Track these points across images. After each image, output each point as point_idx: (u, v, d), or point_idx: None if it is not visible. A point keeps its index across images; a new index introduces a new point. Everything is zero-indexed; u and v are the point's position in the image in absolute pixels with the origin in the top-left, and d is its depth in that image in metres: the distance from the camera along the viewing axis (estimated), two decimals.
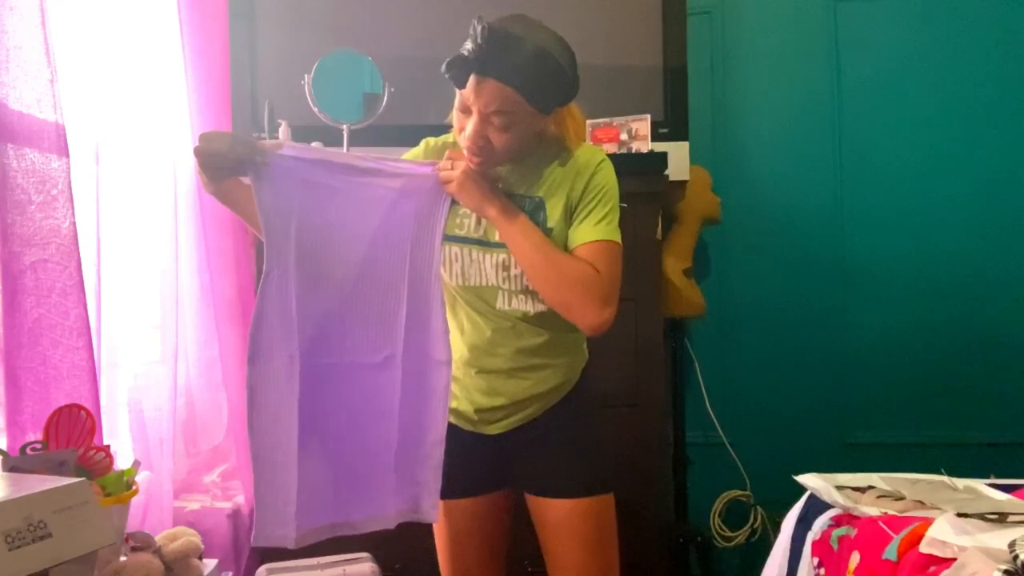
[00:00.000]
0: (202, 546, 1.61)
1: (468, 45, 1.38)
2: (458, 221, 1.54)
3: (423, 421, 1.49)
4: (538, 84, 1.41)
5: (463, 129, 1.45)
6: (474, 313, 1.55)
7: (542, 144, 1.53)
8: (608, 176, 1.52)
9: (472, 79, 1.38)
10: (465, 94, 1.41)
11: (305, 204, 1.42)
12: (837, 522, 1.67)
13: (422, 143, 1.62)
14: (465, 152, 1.47)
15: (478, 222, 1.53)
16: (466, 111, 1.43)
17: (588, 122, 2.31)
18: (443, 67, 1.41)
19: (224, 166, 1.37)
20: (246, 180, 1.40)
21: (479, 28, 1.36)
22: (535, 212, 1.50)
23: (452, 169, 1.46)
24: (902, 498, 1.66)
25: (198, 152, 1.36)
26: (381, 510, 1.49)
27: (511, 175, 1.54)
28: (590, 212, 1.49)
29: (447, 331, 1.49)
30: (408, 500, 1.50)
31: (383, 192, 1.46)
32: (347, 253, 1.45)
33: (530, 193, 1.52)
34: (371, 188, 1.46)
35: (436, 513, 1.50)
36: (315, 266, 1.43)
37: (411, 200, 1.47)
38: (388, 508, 1.48)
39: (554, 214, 1.50)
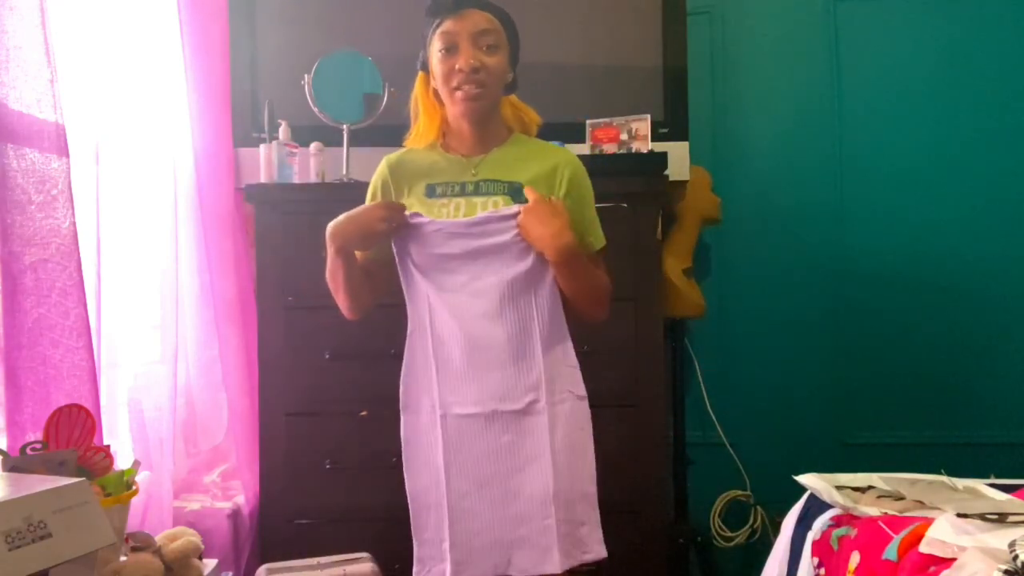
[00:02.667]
0: (202, 546, 1.61)
1: None
2: (435, 211, 1.57)
3: (575, 460, 1.55)
4: (508, 21, 1.57)
5: (451, 71, 1.52)
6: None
7: (509, 132, 1.64)
8: (587, 178, 1.64)
9: (455, 8, 1.52)
10: (449, 29, 1.52)
11: (435, 269, 1.54)
12: (837, 522, 1.67)
13: (383, 164, 1.66)
14: (461, 87, 1.53)
15: (456, 208, 1.57)
16: (451, 48, 1.52)
17: (588, 122, 2.31)
18: (428, 9, 1.54)
19: (391, 232, 1.54)
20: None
21: None
22: (516, 196, 1.56)
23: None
24: (902, 498, 1.66)
25: (385, 219, 1.51)
26: (545, 556, 1.51)
27: (486, 163, 1.60)
28: (585, 216, 1.61)
29: (578, 367, 1.58)
30: (575, 542, 1.54)
31: (500, 242, 1.52)
32: (477, 308, 1.52)
33: (507, 178, 1.58)
34: (488, 242, 1.52)
35: (602, 548, 1.55)
36: (449, 324, 1.53)
37: (523, 245, 1.52)
38: (553, 552, 1.50)
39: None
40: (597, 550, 1.55)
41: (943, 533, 1.37)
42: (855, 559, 1.50)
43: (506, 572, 1.53)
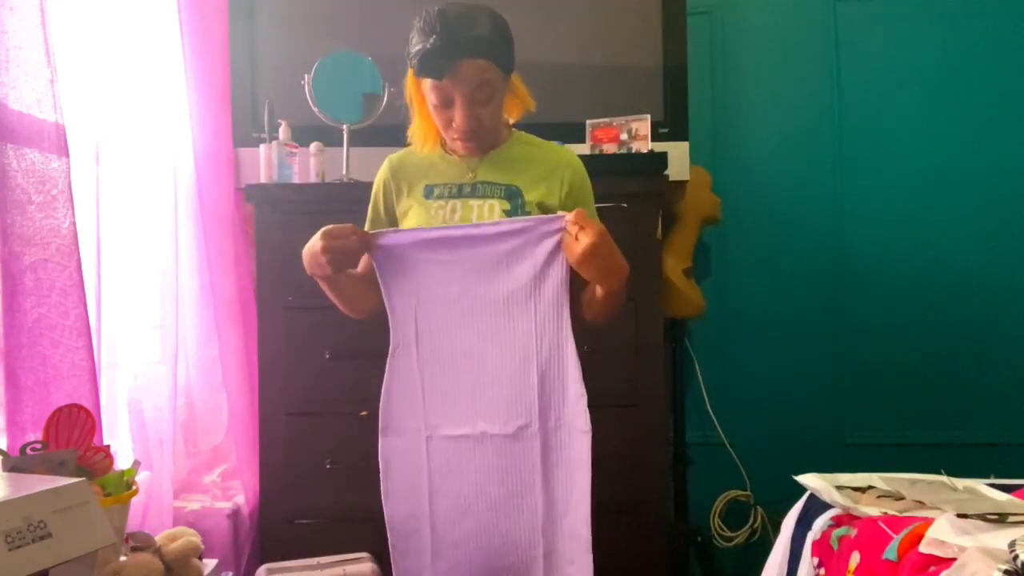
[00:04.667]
0: (202, 546, 1.61)
1: (429, 38, 1.41)
2: (432, 212, 1.56)
3: (569, 496, 1.46)
4: (501, 46, 1.47)
5: (448, 123, 1.50)
6: None
7: (509, 131, 1.61)
8: (585, 173, 1.61)
9: (448, 67, 1.42)
10: (443, 86, 1.45)
11: (424, 280, 1.46)
12: (837, 522, 1.67)
13: (385, 164, 1.65)
14: (459, 140, 1.51)
15: (452, 210, 1.55)
16: (447, 103, 1.47)
17: (588, 122, 2.31)
18: (416, 69, 1.46)
19: (350, 259, 1.46)
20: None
21: (434, 19, 1.40)
22: (512, 198, 1.55)
23: (578, 239, 1.36)
24: (902, 498, 1.66)
25: (328, 250, 1.41)
26: None
27: (484, 165, 1.58)
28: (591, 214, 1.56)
29: (584, 396, 1.46)
30: None
31: (497, 257, 1.44)
32: (472, 323, 1.46)
33: (505, 182, 1.56)
34: (483, 255, 1.45)
35: None
36: (439, 339, 1.46)
37: (527, 261, 1.43)
38: None
39: (532, 202, 1.55)
40: None
41: (943, 533, 1.37)
42: (855, 559, 1.50)
43: None
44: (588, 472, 1.47)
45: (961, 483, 1.74)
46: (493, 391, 1.45)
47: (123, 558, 1.47)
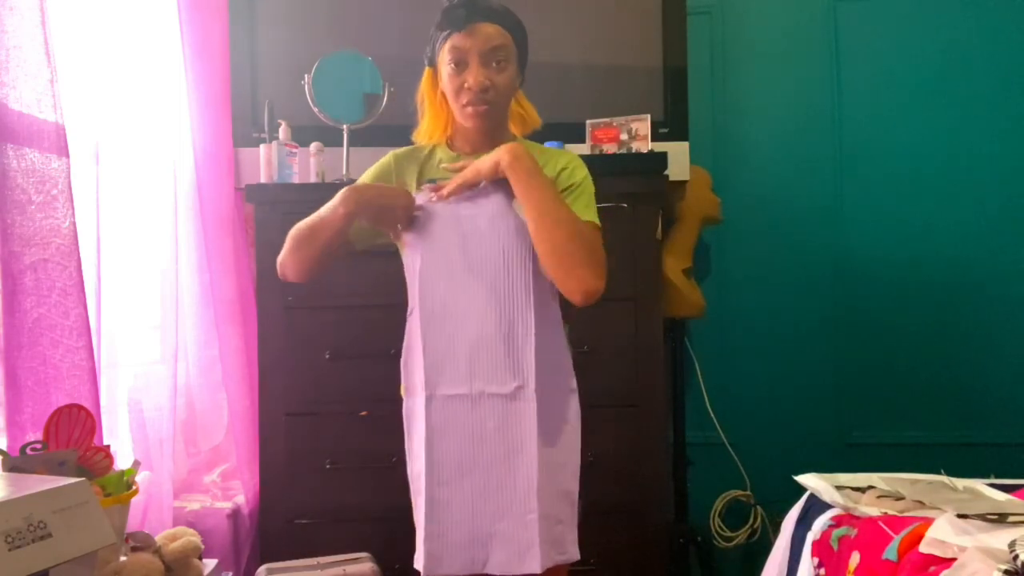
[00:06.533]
0: (202, 546, 1.61)
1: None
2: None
3: (559, 453, 1.50)
4: (518, 28, 1.55)
5: (460, 87, 1.52)
6: None
7: (513, 136, 1.63)
8: (583, 170, 1.60)
9: (467, 21, 1.48)
10: (460, 44, 1.49)
11: (430, 239, 1.49)
12: (837, 522, 1.67)
13: (389, 156, 1.65)
14: (471, 105, 1.52)
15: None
16: (462, 64, 1.51)
17: (588, 122, 2.31)
18: (439, 24, 1.52)
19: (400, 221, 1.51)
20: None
21: None
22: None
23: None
24: (902, 498, 1.66)
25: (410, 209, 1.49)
26: (526, 554, 1.46)
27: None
28: (575, 199, 1.55)
29: (570, 356, 1.54)
30: (552, 541, 1.48)
31: (493, 219, 1.49)
32: (469, 284, 1.48)
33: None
34: (481, 216, 1.49)
35: (576, 550, 1.50)
36: (438, 299, 1.49)
37: (519, 224, 1.48)
38: (534, 549, 1.45)
39: None
40: (571, 552, 1.50)
41: (943, 533, 1.37)
42: (855, 559, 1.50)
43: (483, 571, 1.48)
44: (577, 428, 1.53)
45: (961, 483, 1.74)
46: (490, 351, 1.48)
47: (123, 558, 1.47)
